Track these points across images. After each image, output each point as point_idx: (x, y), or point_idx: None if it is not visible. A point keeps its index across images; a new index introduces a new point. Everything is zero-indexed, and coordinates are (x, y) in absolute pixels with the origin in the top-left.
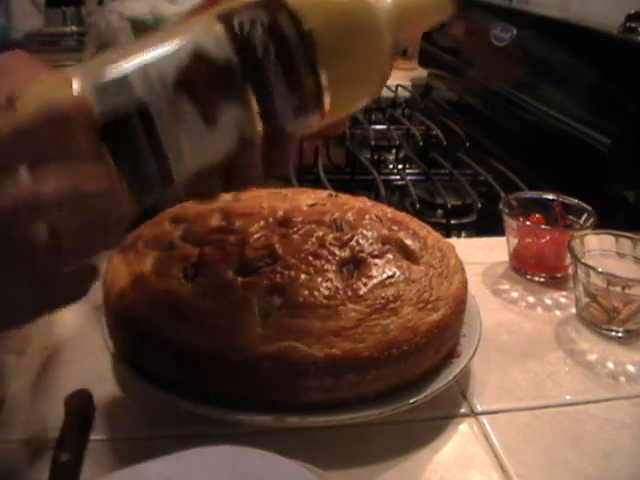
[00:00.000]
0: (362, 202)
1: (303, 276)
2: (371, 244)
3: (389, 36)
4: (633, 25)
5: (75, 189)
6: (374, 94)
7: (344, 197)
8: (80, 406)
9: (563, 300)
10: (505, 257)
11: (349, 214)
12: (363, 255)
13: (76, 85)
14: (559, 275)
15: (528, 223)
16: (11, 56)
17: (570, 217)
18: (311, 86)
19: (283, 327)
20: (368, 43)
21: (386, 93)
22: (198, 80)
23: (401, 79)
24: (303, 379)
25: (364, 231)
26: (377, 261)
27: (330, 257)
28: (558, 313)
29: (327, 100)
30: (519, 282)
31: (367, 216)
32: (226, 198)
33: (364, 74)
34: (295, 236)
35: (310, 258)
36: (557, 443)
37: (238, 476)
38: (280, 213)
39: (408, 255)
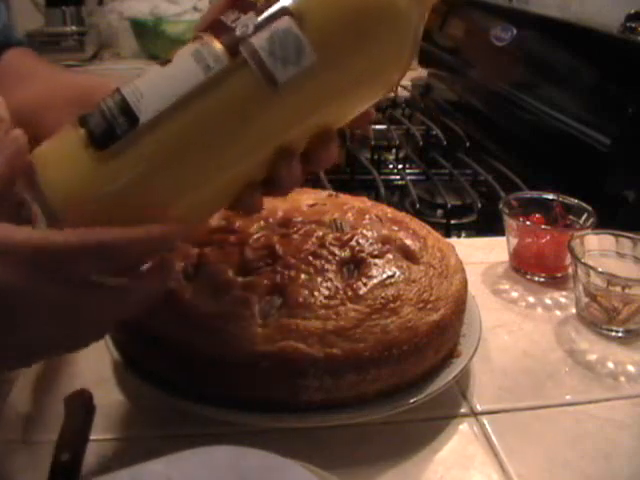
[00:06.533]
0: (362, 202)
1: (303, 276)
2: (371, 244)
3: (414, 14)
4: (633, 25)
5: None
6: (405, 70)
7: (344, 197)
8: (80, 406)
9: (563, 300)
10: (505, 257)
11: (349, 214)
12: (363, 255)
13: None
14: (559, 275)
15: (528, 223)
16: (23, 56)
17: (570, 217)
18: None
19: (283, 327)
20: (392, 28)
21: None
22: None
23: None
24: (303, 379)
25: (364, 231)
26: (377, 261)
27: (330, 257)
28: (558, 313)
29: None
30: (519, 282)
31: (367, 216)
32: None
33: (394, 58)
34: (295, 236)
35: (310, 258)
36: (557, 443)
37: (238, 476)
38: (280, 213)
39: (408, 255)
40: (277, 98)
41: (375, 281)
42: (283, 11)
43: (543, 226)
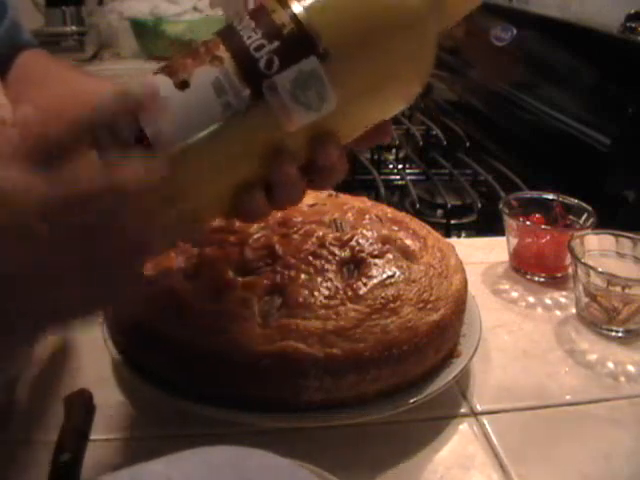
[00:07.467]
0: (362, 202)
1: (303, 276)
2: (371, 244)
3: (432, 24)
4: (633, 25)
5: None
6: (418, 90)
7: (344, 197)
8: (80, 406)
9: (563, 300)
10: (505, 257)
11: (349, 214)
12: (363, 255)
13: None
14: (559, 275)
15: (528, 223)
16: (35, 61)
17: (570, 217)
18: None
19: (283, 327)
20: (409, 36)
21: None
22: None
23: None
24: (303, 379)
25: (364, 231)
26: (377, 261)
27: (330, 257)
28: (558, 313)
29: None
30: (519, 282)
31: (367, 216)
32: None
33: (409, 72)
34: (295, 236)
35: (310, 258)
36: (557, 443)
37: (238, 476)
38: (280, 213)
39: (408, 255)
40: (294, 135)
41: (375, 281)
42: (309, 47)
43: (543, 226)
